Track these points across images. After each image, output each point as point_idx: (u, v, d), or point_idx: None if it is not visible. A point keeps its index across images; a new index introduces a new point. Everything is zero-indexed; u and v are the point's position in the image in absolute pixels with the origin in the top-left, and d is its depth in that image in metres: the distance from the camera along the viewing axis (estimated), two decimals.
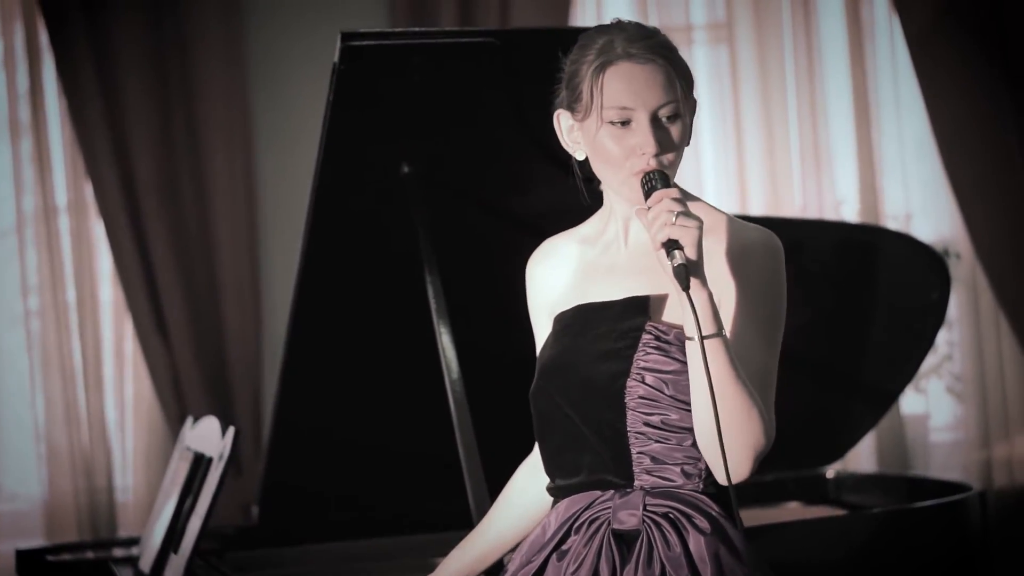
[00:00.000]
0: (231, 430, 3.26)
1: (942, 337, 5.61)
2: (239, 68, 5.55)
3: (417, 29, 3.51)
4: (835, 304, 4.27)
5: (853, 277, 4.32)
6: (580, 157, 2.56)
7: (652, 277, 2.50)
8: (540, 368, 2.60)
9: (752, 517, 3.94)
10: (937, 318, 4.46)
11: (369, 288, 3.80)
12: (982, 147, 5.62)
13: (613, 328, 2.48)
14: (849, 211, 5.80)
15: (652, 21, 5.60)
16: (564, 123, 2.58)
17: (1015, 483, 5.71)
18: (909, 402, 5.75)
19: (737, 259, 2.49)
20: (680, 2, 5.73)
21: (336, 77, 3.31)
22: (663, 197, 2.37)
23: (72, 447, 5.34)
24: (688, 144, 2.53)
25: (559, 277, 2.67)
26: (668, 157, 2.47)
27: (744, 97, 5.75)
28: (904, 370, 4.53)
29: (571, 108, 2.55)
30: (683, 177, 2.63)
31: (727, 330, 2.43)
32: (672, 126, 2.47)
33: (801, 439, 4.45)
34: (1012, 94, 5.59)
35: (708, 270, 2.41)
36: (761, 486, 4.46)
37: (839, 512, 4.36)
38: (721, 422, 2.34)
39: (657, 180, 2.42)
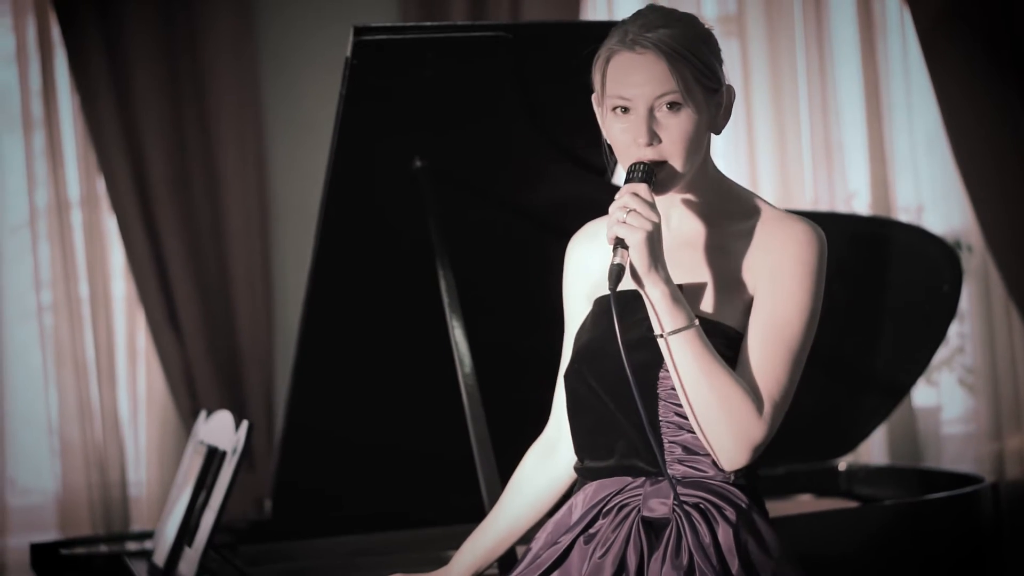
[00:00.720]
0: (245, 424, 3.27)
1: (954, 329, 5.61)
2: (251, 62, 5.56)
3: (429, 23, 3.51)
4: (847, 297, 4.27)
5: (865, 270, 4.31)
6: (610, 140, 2.57)
7: (690, 269, 2.52)
8: (577, 350, 2.61)
9: None
10: (949, 310, 4.46)
11: (381, 282, 3.80)
12: (993, 140, 5.62)
13: (648, 317, 2.48)
14: (861, 204, 5.80)
15: None
16: (596, 108, 2.59)
17: None
18: (921, 394, 5.75)
19: (767, 250, 2.51)
20: None
21: (348, 71, 3.32)
22: (625, 192, 2.40)
23: (85, 441, 5.35)
24: (714, 131, 2.54)
25: (601, 261, 2.65)
26: (668, 148, 2.47)
27: (755, 91, 5.75)
28: (916, 363, 4.53)
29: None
30: None
31: (754, 317, 2.47)
32: (673, 116, 2.46)
33: (813, 431, 4.45)
34: (1022, 87, 5.58)
35: (739, 259, 2.49)
36: (773, 478, 4.46)
37: (851, 504, 4.36)
38: (706, 412, 2.40)
39: (639, 172, 2.44)
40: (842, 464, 4.59)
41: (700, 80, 2.48)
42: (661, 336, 2.41)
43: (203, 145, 5.49)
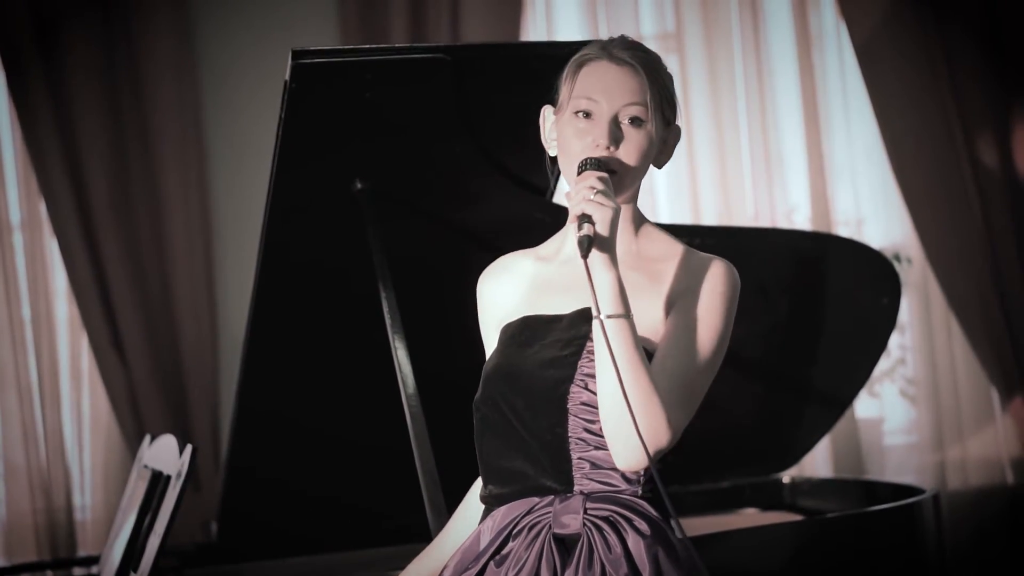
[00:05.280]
0: (188, 448, 3.26)
1: (894, 341, 5.65)
2: (191, 85, 5.55)
3: (367, 46, 3.51)
4: (788, 311, 4.30)
5: (805, 284, 4.35)
6: (552, 153, 2.64)
7: None
8: (484, 376, 2.63)
9: (708, 524, 3.96)
10: (889, 323, 4.50)
11: (325, 303, 3.81)
12: (930, 152, 5.66)
13: (560, 339, 2.53)
14: (801, 218, 5.83)
15: (602, 32, 5.62)
16: (548, 119, 2.66)
17: (969, 485, 5.75)
18: (863, 406, 5.79)
19: (685, 278, 2.56)
20: (630, 12, 5.76)
21: (288, 95, 3.32)
22: (590, 176, 2.45)
23: (30, 465, 5.32)
24: (654, 158, 2.60)
25: (509, 293, 2.71)
26: (622, 159, 2.53)
27: (694, 107, 5.77)
28: (857, 375, 4.57)
29: (553, 103, 2.64)
30: None
31: (667, 334, 2.50)
32: (634, 130, 2.54)
33: (756, 445, 4.48)
34: (958, 99, 5.64)
35: (658, 289, 2.54)
36: (717, 492, 4.48)
37: (795, 517, 4.39)
38: (623, 405, 2.38)
39: (591, 164, 2.50)
40: (786, 477, 4.62)
41: (663, 107, 2.58)
42: (621, 316, 2.41)
43: (145, 168, 5.47)
